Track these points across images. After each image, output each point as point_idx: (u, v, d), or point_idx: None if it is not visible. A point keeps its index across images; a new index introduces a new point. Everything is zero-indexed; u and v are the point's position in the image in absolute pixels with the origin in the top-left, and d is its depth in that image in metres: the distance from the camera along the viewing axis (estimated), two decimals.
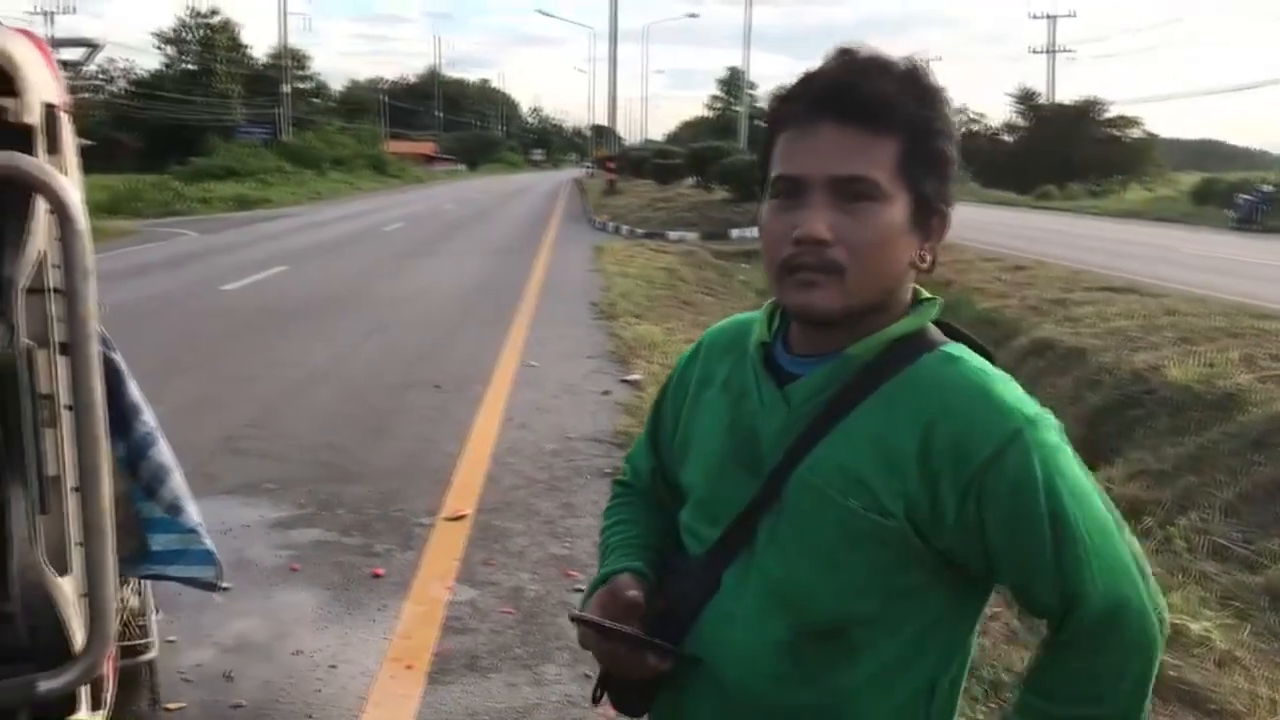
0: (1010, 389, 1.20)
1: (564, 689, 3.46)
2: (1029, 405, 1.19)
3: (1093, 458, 6.73)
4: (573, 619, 1.31)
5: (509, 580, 4.34)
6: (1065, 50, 66.14)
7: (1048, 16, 62.96)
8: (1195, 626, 3.93)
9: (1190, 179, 45.66)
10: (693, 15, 64.81)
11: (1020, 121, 58.97)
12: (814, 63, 1.24)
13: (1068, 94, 69.90)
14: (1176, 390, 7.34)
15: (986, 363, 1.24)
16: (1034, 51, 63.13)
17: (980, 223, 24.36)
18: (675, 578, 1.34)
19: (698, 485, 1.34)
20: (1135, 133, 54.05)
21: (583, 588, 4.22)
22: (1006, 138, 59.54)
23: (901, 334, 1.23)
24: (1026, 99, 59.03)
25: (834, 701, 1.22)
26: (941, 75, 1.22)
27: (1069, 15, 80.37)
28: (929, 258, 1.24)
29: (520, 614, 4.02)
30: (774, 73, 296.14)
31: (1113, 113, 54.35)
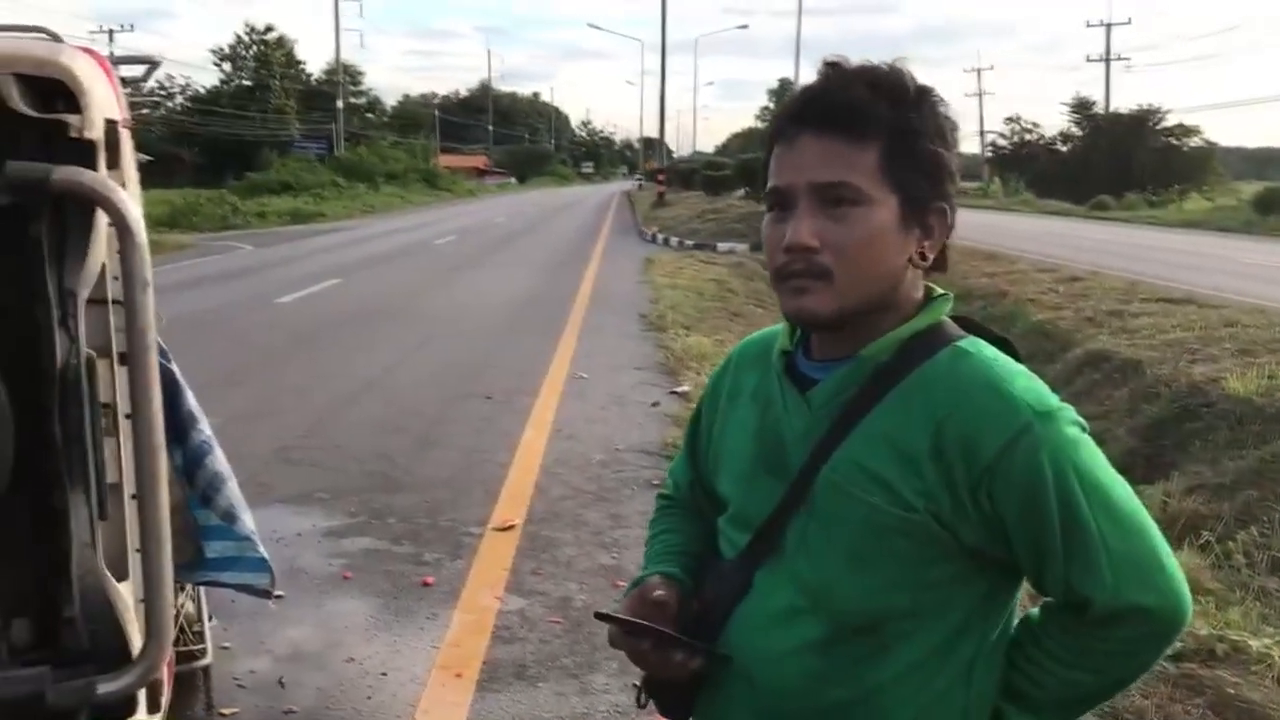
0: (1022, 382, 1.20)
1: (612, 699, 3.47)
2: (1042, 398, 1.19)
3: (1149, 471, 6.62)
4: (598, 616, 1.34)
5: (557, 590, 4.36)
6: (1121, 58, 65.36)
7: (1104, 24, 62.23)
8: (1255, 644, 3.85)
9: (1251, 188, 44.73)
10: (743, 26, 65.35)
11: (1076, 131, 58.27)
12: None
13: (1124, 102, 68.96)
14: (1236, 403, 7.20)
15: (1001, 356, 1.25)
16: (1090, 60, 62.52)
17: (1034, 233, 24.12)
18: (710, 581, 1.37)
19: (731, 494, 1.38)
20: (1194, 141, 53.15)
21: None
22: (1061, 147, 58.85)
23: (914, 332, 1.25)
24: (1082, 108, 58.31)
25: (869, 697, 1.24)
26: (994, 84, 1.24)
27: (1125, 23, 79.58)
28: (930, 255, 1.26)
29: (568, 623, 4.04)
30: None
31: (1171, 121, 53.54)
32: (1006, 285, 13.37)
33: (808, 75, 1.28)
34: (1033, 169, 54.93)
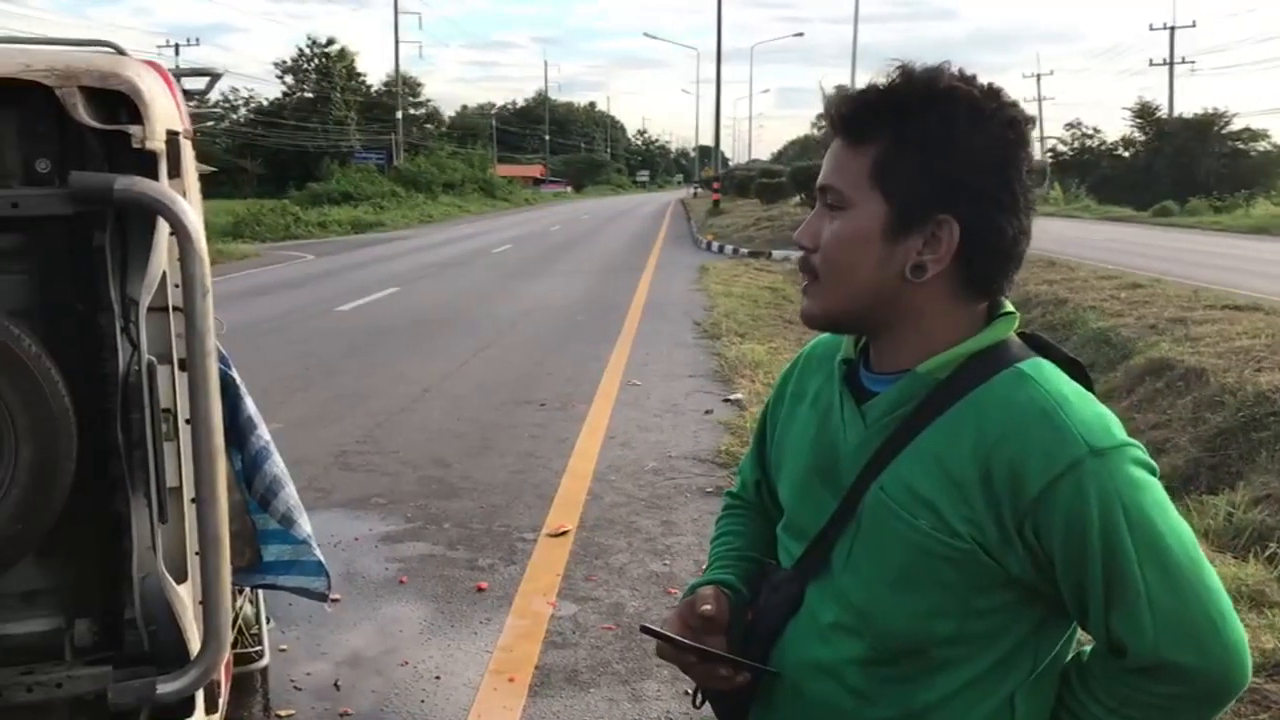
0: (1082, 413, 1.13)
1: (664, 705, 3.47)
2: (1100, 432, 1.12)
3: (1214, 481, 6.47)
4: (644, 631, 1.33)
5: (609, 596, 4.37)
6: (1186, 62, 63.97)
7: (1167, 27, 61.07)
8: None
9: None
10: (798, 34, 64.88)
11: (1138, 136, 57.25)
12: None
13: (1188, 106, 67.61)
14: None
15: (1066, 382, 1.18)
16: (1153, 64, 61.24)
17: (1095, 240, 23.74)
18: (764, 591, 1.35)
19: (787, 501, 1.37)
20: (1262, 145, 51.95)
21: None
22: (1124, 153, 57.85)
23: (975, 350, 1.20)
24: (1145, 112, 57.27)
25: (912, 718, 1.22)
26: (1054, 89, 1.19)
27: (1189, 26, 77.53)
28: (933, 268, 1.18)
29: (620, 630, 4.05)
30: None
31: (1238, 125, 52.38)
32: (1066, 292, 13.15)
33: (864, 82, 1.26)
34: (1094, 175, 53.99)
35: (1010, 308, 1.26)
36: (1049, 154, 63.13)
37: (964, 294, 1.21)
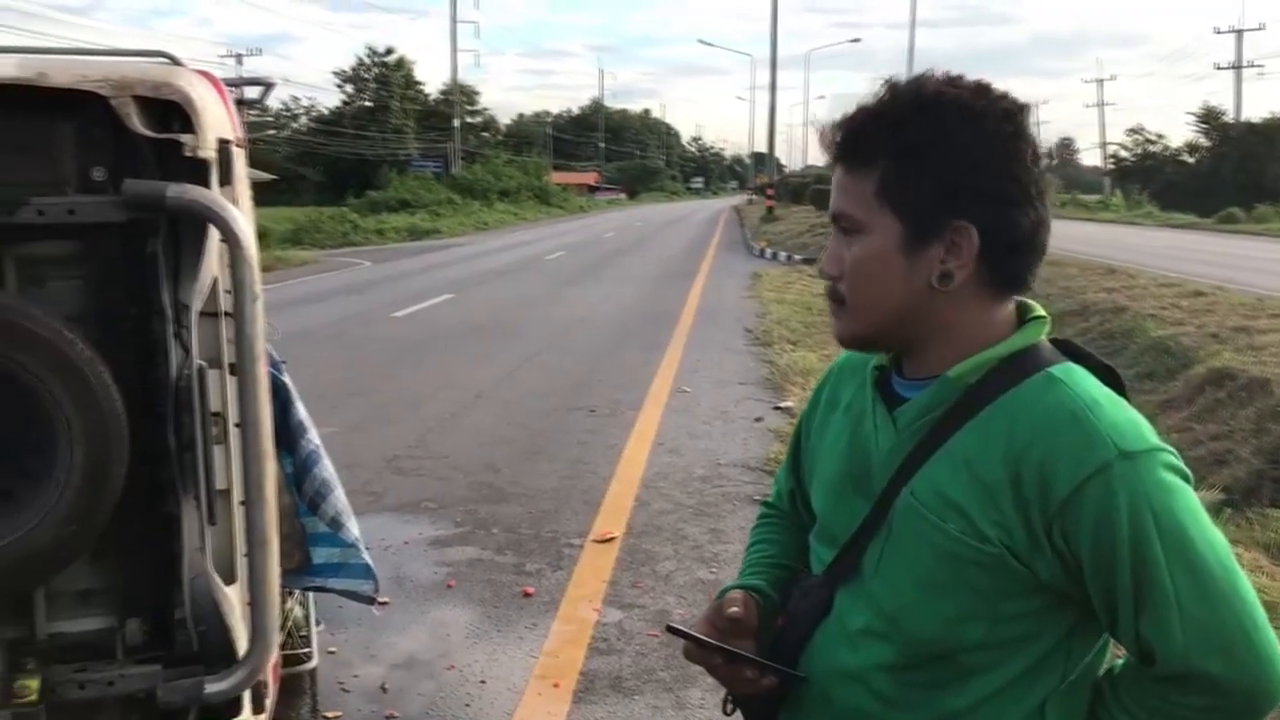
0: (1113, 417, 1.12)
1: (707, 714, 3.46)
2: (1131, 435, 1.11)
3: (1276, 495, 6.32)
4: (669, 630, 1.33)
5: (655, 604, 4.37)
6: (1253, 65, 62.76)
7: (1234, 30, 59.91)
8: None
9: None
10: (855, 40, 64.64)
11: (1203, 141, 56.19)
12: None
13: (1256, 111, 66.20)
14: None
15: (1097, 386, 1.17)
16: (1219, 67, 60.10)
17: (1156, 247, 23.33)
18: (795, 597, 1.36)
19: (820, 508, 1.37)
20: None
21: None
22: (1188, 158, 56.80)
23: (1005, 355, 1.20)
24: (1210, 117, 56.20)
25: None
26: (1116, 95, 1.17)
27: (1257, 29, 75.83)
28: (958, 275, 1.18)
29: (665, 637, 4.04)
30: None
31: None
32: (1125, 300, 12.93)
33: None
34: (1157, 181, 53.08)
35: (1041, 311, 1.25)
36: (1110, 160, 62.14)
37: (992, 294, 1.21)
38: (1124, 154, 61.71)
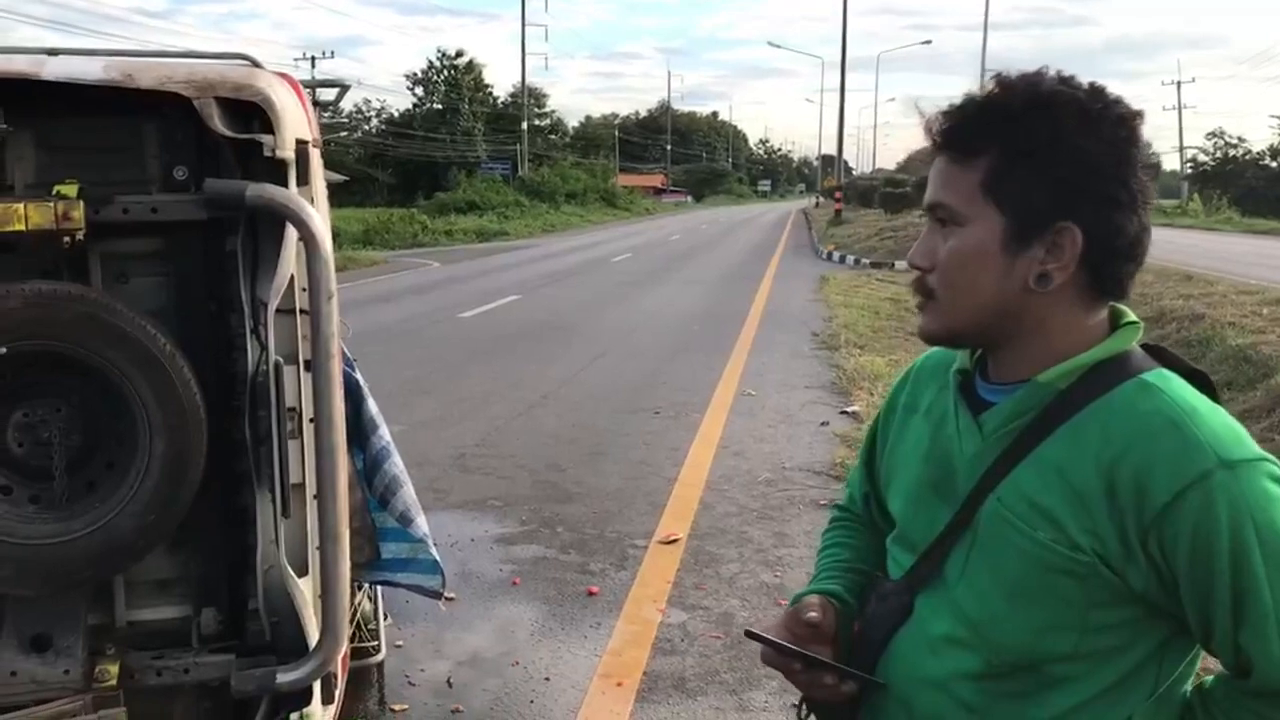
0: (1212, 425, 1.10)
1: (770, 717, 3.45)
2: (1233, 445, 1.08)
3: None
4: (749, 635, 1.33)
5: (719, 606, 4.36)
6: None
7: None
8: None
9: None
10: (926, 42, 64.08)
11: None
12: None
13: None
14: None
15: (1192, 393, 1.15)
16: None
17: (1238, 253, 22.73)
18: (873, 601, 1.34)
19: (899, 513, 1.35)
20: None
21: None
22: (1270, 163, 55.29)
23: (1097, 360, 1.17)
24: None
25: None
26: (1195, 98, 1.14)
27: None
28: (1057, 277, 1.16)
29: (729, 639, 4.03)
30: None
31: None
32: (1203, 308, 12.62)
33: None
34: (1237, 186, 51.73)
35: (1133, 317, 1.23)
36: (1189, 165, 60.72)
37: (1088, 299, 1.19)
38: (1203, 158, 60.21)
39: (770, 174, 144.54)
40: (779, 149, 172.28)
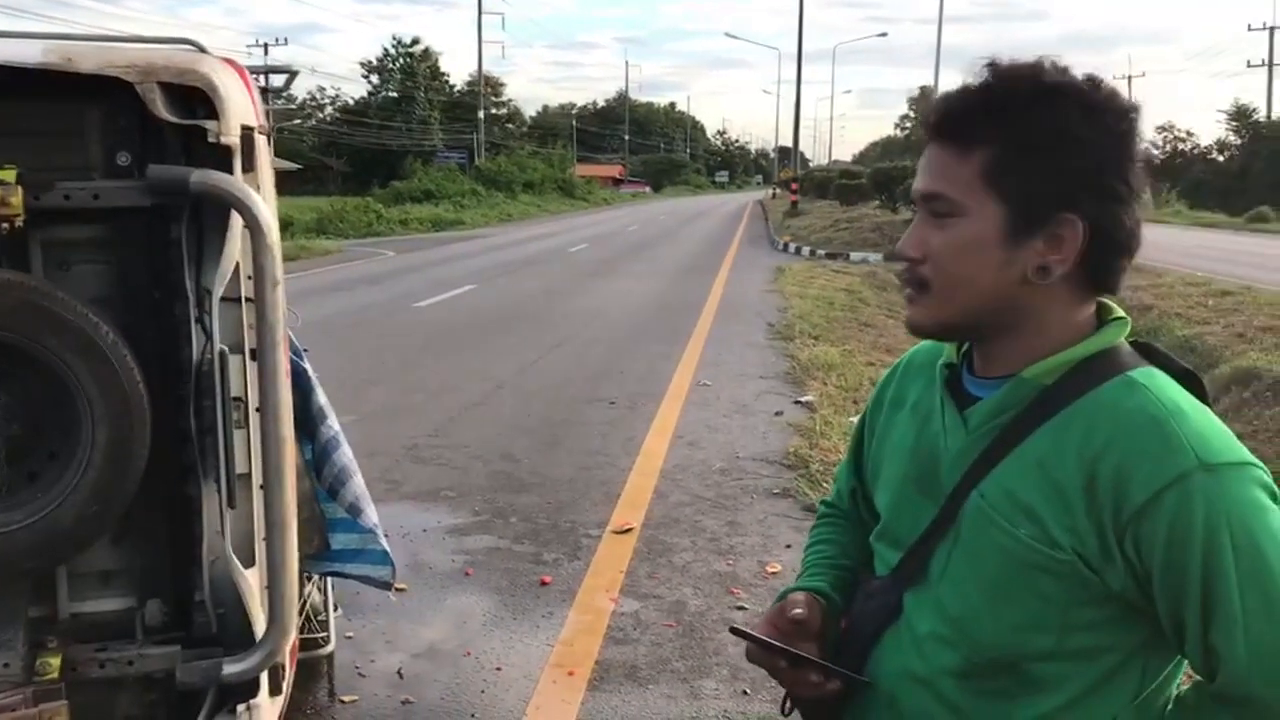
0: (1197, 426, 1.09)
1: (721, 705, 3.47)
2: (1217, 448, 1.08)
3: None
4: (733, 631, 1.33)
5: (672, 594, 4.38)
6: None
7: (1267, 27, 59.22)
8: None
9: None
10: (882, 34, 64.29)
11: (1234, 139, 55.64)
12: None
13: None
14: None
15: (1179, 393, 1.14)
16: (1251, 65, 59.44)
17: (1184, 246, 23.13)
18: (859, 599, 1.34)
19: (885, 507, 1.34)
20: None
21: (744, 605, 4.22)
22: (1218, 157, 56.27)
23: (1083, 356, 1.17)
24: (1241, 115, 55.64)
25: None
26: (1146, 92, 1.14)
27: None
28: (1056, 270, 1.14)
29: (681, 628, 4.05)
30: None
31: None
32: (1151, 298, 12.86)
33: (948, 83, 1.22)
34: (1186, 179, 52.59)
35: (1120, 313, 1.22)
36: None
37: (1082, 293, 1.18)
38: (1153, 151, 61.05)
39: (728, 165, 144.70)
40: (737, 140, 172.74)
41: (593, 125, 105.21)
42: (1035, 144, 1.12)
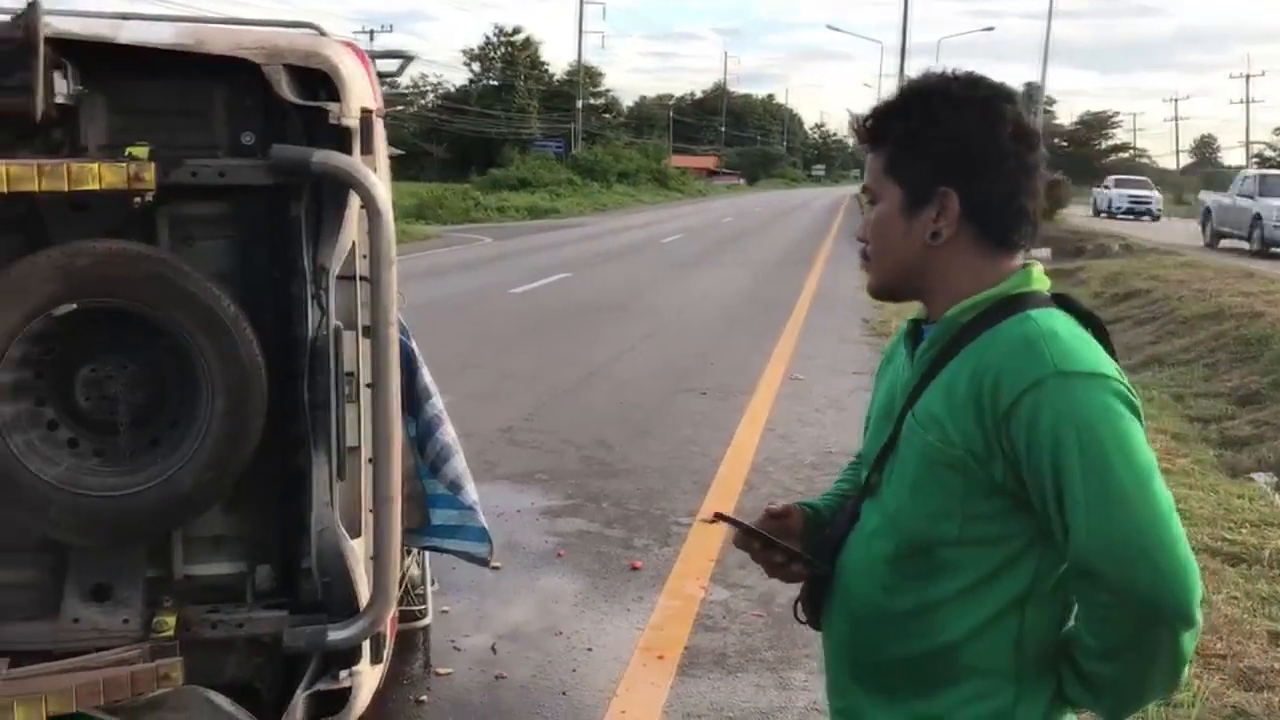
0: (1063, 344, 1.30)
1: (810, 696, 3.46)
2: (1076, 360, 1.29)
3: None
4: (717, 516, 1.64)
5: (761, 584, 4.37)
6: None
7: None
8: None
9: None
10: (988, 29, 63.03)
11: None
12: (1123, 77, 1.32)
13: None
14: None
15: (1063, 323, 1.35)
16: None
17: None
18: (840, 513, 1.60)
19: (866, 438, 1.60)
20: None
21: None
22: None
23: (994, 297, 1.40)
24: None
25: (926, 610, 1.40)
26: (1264, 91, 1.16)
27: None
28: (946, 231, 1.41)
29: (770, 618, 4.05)
30: (1080, 87, 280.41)
31: None
32: (1263, 305, 12.38)
33: (1061, 79, 1.32)
34: None
35: (1037, 269, 1.45)
36: (1254, 160, 59.41)
37: (983, 250, 1.43)
38: (1270, 153, 58.93)
39: (825, 159, 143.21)
40: (834, 134, 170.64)
41: (689, 116, 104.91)
42: (913, 135, 1.42)
